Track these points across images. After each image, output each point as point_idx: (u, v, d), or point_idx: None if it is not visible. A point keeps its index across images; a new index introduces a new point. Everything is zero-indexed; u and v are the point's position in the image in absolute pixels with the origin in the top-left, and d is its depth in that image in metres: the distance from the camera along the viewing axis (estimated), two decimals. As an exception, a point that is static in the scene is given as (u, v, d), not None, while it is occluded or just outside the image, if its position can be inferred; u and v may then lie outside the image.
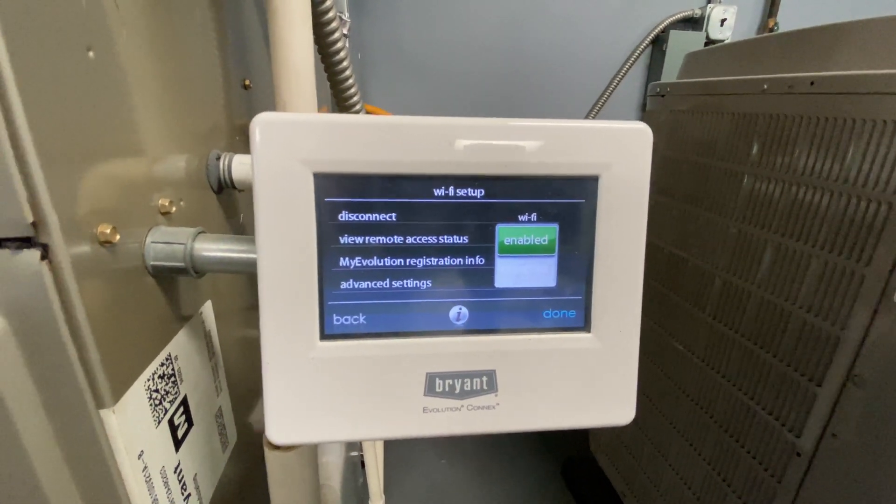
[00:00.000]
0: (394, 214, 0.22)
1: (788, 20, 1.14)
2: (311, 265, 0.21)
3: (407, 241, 0.22)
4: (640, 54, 1.14)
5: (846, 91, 0.48)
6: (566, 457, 1.18)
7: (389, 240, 0.22)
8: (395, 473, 1.14)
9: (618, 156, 0.22)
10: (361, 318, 0.22)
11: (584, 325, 0.23)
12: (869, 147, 0.45)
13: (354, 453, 0.83)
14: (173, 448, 0.28)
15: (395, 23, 1.10)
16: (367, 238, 0.22)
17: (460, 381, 0.23)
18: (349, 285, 0.22)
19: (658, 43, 1.15)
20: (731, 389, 0.63)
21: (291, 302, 0.21)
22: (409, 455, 1.19)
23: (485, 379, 0.23)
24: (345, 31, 0.83)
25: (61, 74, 0.20)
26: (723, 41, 1.12)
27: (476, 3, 1.09)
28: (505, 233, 0.22)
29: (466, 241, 0.22)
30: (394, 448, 1.19)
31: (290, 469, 0.31)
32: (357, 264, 0.22)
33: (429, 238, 0.22)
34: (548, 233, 0.23)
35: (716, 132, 0.65)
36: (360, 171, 0.21)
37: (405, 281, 0.22)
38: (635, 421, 0.74)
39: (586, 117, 1.20)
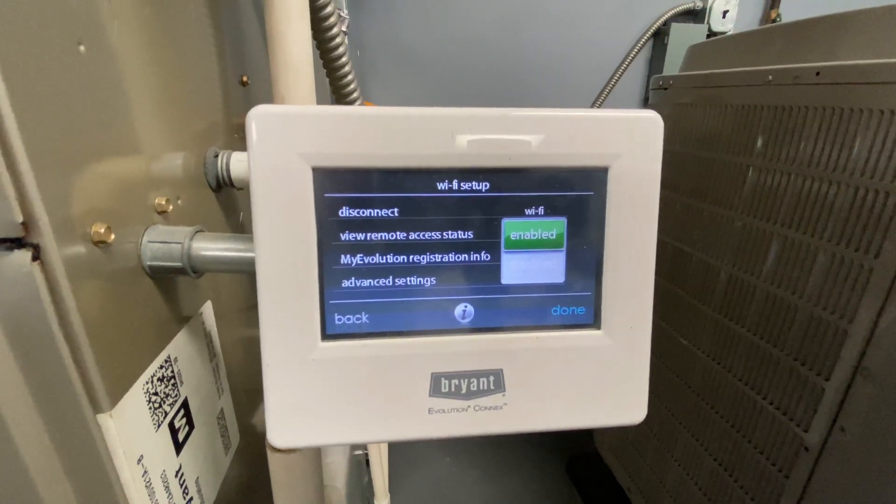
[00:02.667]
0: (396, 210, 0.21)
1: (790, 11, 1.13)
2: (311, 263, 0.20)
3: (410, 238, 0.21)
4: (641, 48, 1.13)
5: (853, 81, 0.47)
6: (571, 453, 1.17)
7: (392, 236, 0.21)
8: (400, 471, 1.13)
9: (627, 146, 0.21)
10: (364, 318, 0.22)
11: (594, 322, 0.23)
12: (877, 137, 0.45)
13: (359, 452, 0.83)
14: (174, 451, 0.28)
15: (394, 20, 1.09)
16: (368, 234, 0.21)
17: (466, 381, 0.22)
18: (351, 283, 0.21)
19: (659, 36, 1.13)
20: (738, 384, 0.62)
21: (291, 301, 0.20)
22: (414, 453, 1.18)
23: (492, 378, 0.22)
24: (343, 28, 0.82)
25: (51, 69, 0.19)
26: (725, 33, 1.11)
27: (475, -2, 1.08)
28: (511, 227, 0.22)
29: (471, 236, 0.22)
30: (399, 446, 1.18)
31: (293, 471, 0.31)
32: (359, 262, 0.21)
33: (432, 234, 0.21)
34: (556, 227, 0.22)
35: (719, 125, 0.64)
36: (361, 164, 0.20)
37: (408, 278, 0.22)
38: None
39: (587, 112, 1.19)
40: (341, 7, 0.87)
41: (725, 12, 1.08)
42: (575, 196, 0.22)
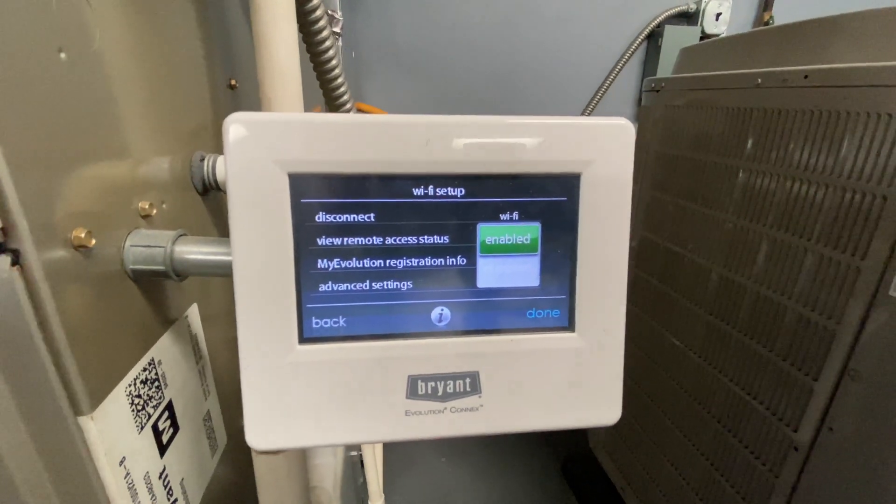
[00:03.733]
0: (372, 215, 0.21)
1: (784, 14, 1.14)
2: (288, 267, 0.21)
3: (386, 242, 0.22)
4: (635, 50, 1.14)
5: (840, 84, 0.47)
6: (566, 453, 1.18)
7: (368, 241, 0.21)
8: (395, 472, 1.14)
9: (599, 152, 0.21)
10: (341, 321, 0.22)
11: (569, 324, 0.23)
12: (863, 140, 0.45)
13: (354, 453, 0.83)
14: (158, 453, 0.28)
15: (390, 20, 1.09)
16: (345, 239, 0.21)
17: (443, 383, 0.22)
18: (328, 287, 0.22)
19: (653, 38, 1.14)
20: (728, 384, 0.62)
21: (269, 305, 0.21)
22: (409, 454, 1.19)
23: (468, 380, 0.22)
24: (337, 30, 0.82)
25: (30, 77, 0.20)
26: (718, 35, 1.11)
27: (470, 0, 1.08)
28: (486, 232, 0.22)
29: (447, 241, 0.22)
30: (393, 447, 1.19)
31: (278, 472, 0.31)
32: (336, 266, 0.21)
33: (409, 238, 0.22)
34: (530, 232, 0.22)
35: (711, 127, 0.65)
36: (337, 171, 0.20)
37: (385, 282, 0.22)
38: (633, 417, 0.74)
39: (582, 114, 1.19)
40: (335, 8, 0.87)
41: (718, 15, 1.09)
42: (548, 202, 0.22)
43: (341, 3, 0.96)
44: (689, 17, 1.12)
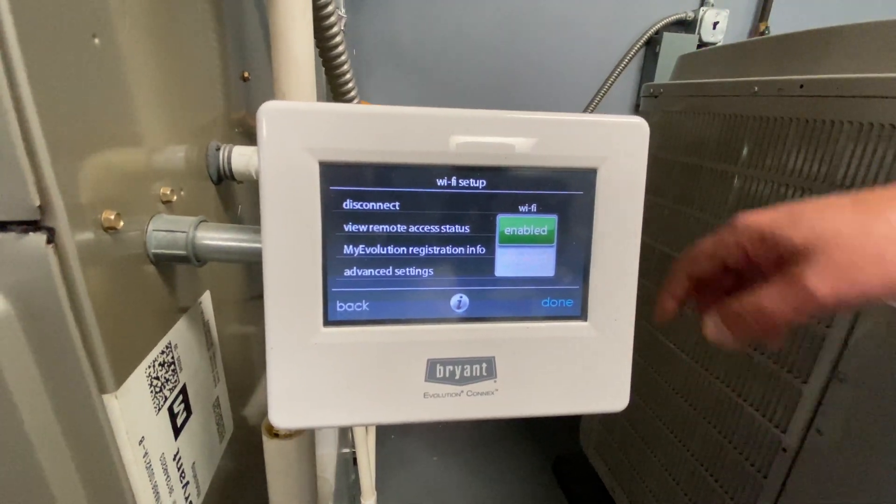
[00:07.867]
0: (397, 203, 0.22)
1: (780, 24, 1.16)
2: (315, 252, 0.21)
3: (410, 230, 0.22)
4: (633, 56, 1.15)
5: (834, 94, 0.49)
6: (557, 454, 1.19)
7: (392, 228, 0.22)
8: (388, 470, 1.14)
9: (615, 149, 0.22)
10: (364, 305, 0.23)
11: (581, 314, 0.24)
12: (855, 149, 0.46)
13: (346, 450, 0.83)
14: (173, 435, 0.28)
15: (391, 20, 1.10)
16: (370, 226, 0.22)
17: (460, 367, 0.23)
18: (353, 273, 0.22)
19: (651, 45, 1.16)
20: (719, 386, 0.64)
21: (296, 288, 0.21)
22: (402, 452, 1.19)
23: (484, 365, 0.23)
24: (341, 28, 0.83)
25: (68, 60, 0.20)
26: (715, 44, 1.13)
27: (472, 1, 1.09)
28: (505, 223, 0.23)
29: (468, 230, 0.23)
30: (386, 445, 1.19)
31: (288, 458, 0.32)
32: (361, 252, 0.22)
33: (431, 227, 0.22)
34: (547, 224, 0.23)
35: (707, 133, 0.66)
36: (365, 160, 0.21)
37: (407, 269, 0.23)
38: (625, 417, 0.75)
39: (579, 117, 1.20)
40: (338, 6, 0.87)
41: (716, 23, 1.11)
42: (566, 195, 0.23)
43: (344, 1, 0.96)
44: (686, 25, 1.14)
